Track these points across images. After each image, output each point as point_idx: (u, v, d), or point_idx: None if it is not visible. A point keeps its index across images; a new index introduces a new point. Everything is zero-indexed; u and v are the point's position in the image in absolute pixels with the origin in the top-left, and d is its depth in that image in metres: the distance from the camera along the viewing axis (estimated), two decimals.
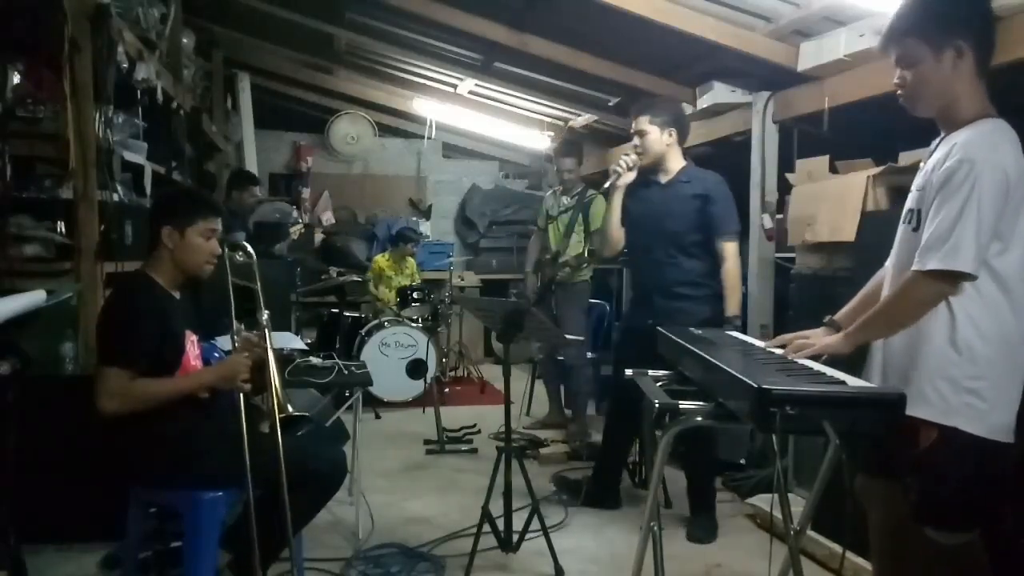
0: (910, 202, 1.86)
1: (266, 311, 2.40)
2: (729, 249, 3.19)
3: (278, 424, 2.22)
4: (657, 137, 3.19)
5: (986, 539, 2.30)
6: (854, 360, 1.90)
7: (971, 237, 1.63)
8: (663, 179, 3.27)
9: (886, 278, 1.96)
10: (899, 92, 1.81)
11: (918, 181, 1.84)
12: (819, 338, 1.97)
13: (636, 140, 3.24)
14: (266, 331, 2.36)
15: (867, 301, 2.02)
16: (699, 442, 3.30)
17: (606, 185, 3.24)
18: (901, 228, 1.89)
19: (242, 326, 2.47)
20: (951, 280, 1.67)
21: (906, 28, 1.74)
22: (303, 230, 6.86)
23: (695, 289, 3.21)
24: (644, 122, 3.21)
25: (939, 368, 1.72)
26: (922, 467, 1.72)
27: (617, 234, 3.31)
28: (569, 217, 4.75)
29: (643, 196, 3.29)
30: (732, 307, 3.16)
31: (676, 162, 3.27)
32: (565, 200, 4.84)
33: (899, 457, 1.76)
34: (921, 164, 1.90)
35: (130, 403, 2.13)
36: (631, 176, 3.21)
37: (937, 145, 1.82)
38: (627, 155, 3.21)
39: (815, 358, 1.88)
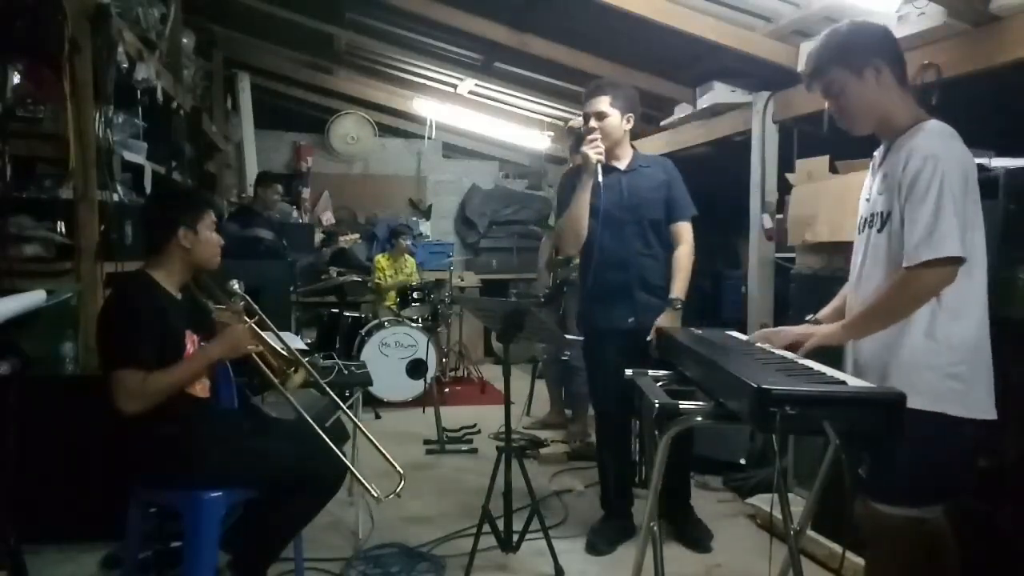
0: (872, 207, 1.97)
1: (234, 280, 2.45)
2: (687, 230, 3.07)
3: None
4: (617, 122, 3.01)
5: (985, 539, 2.30)
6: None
7: (953, 224, 1.74)
8: (622, 165, 3.08)
9: (851, 285, 2.06)
10: (836, 118, 1.98)
11: (877, 187, 1.96)
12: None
13: (593, 122, 2.99)
14: (241, 295, 2.43)
15: (844, 304, 2.10)
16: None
17: (598, 176, 2.92)
18: (864, 234, 2.00)
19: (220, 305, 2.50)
20: (947, 266, 1.76)
21: (826, 61, 1.93)
22: (358, 240, 6.83)
23: (667, 281, 3.05)
24: (604, 103, 2.98)
25: (921, 359, 1.81)
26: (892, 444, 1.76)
27: (582, 227, 3.03)
28: None
29: (605, 184, 2.99)
30: (680, 289, 2.99)
31: (628, 148, 3.11)
32: None
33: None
34: (870, 173, 2.04)
35: (150, 399, 2.14)
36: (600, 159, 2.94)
37: (885, 154, 1.95)
38: (595, 141, 2.92)
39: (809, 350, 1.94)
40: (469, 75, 5.90)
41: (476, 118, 7.04)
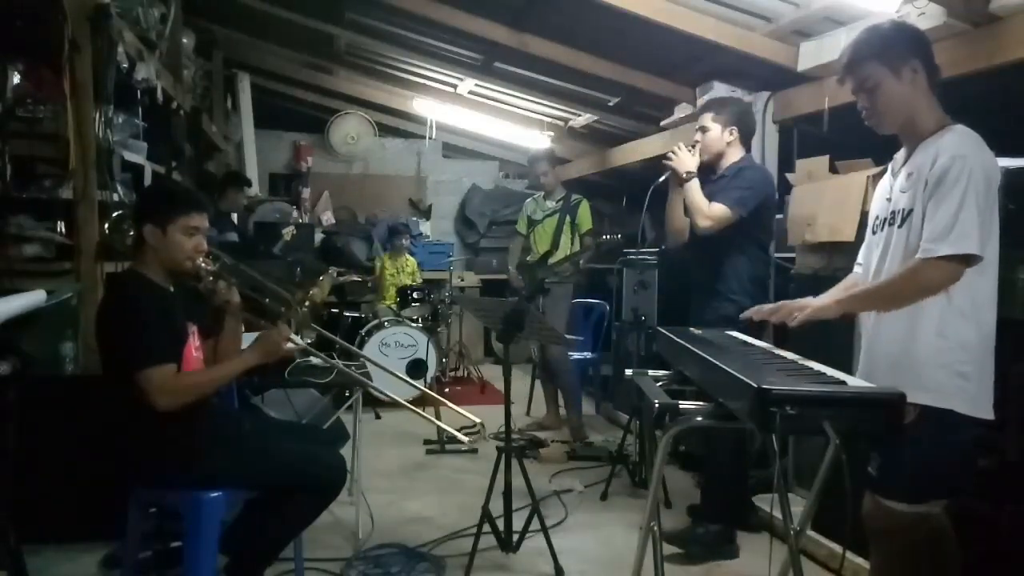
0: (892, 206, 1.97)
1: (200, 260, 2.36)
2: (712, 207, 3.03)
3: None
4: (717, 135, 3.16)
5: (985, 539, 2.30)
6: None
7: (975, 223, 1.76)
8: (717, 173, 3.20)
9: (864, 282, 2.05)
10: (864, 114, 1.97)
11: (899, 185, 1.96)
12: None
13: (697, 136, 3.22)
14: (214, 273, 2.37)
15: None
16: (716, 443, 3.17)
17: (659, 180, 3.19)
18: (882, 233, 2.00)
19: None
20: (960, 263, 1.77)
21: (865, 56, 1.93)
22: (295, 231, 6.79)
23: (724, 287, 3.09)
24: (707, 119, 3.20)
25: (932, 356, 1.83)
26: (901, 442, 1.78)
27: (678, 225, 3.23)
28: (556, 220, 4.88)
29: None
30: (692, 179, 3.07)
31: (732, 156, 3.19)
32: (549, 204, 5.00)
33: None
34: (889, 174, 2.04)
35: (183, 395, 2.15)
36: (690, 166, 3.09)
37: (908, 156, 1.96)
38: (677, 147, 3.16)
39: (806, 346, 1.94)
40: (469, 75, 5.90)
41: (476, 118, 7.04)
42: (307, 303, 2.51)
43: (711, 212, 3.03)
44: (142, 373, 2.10)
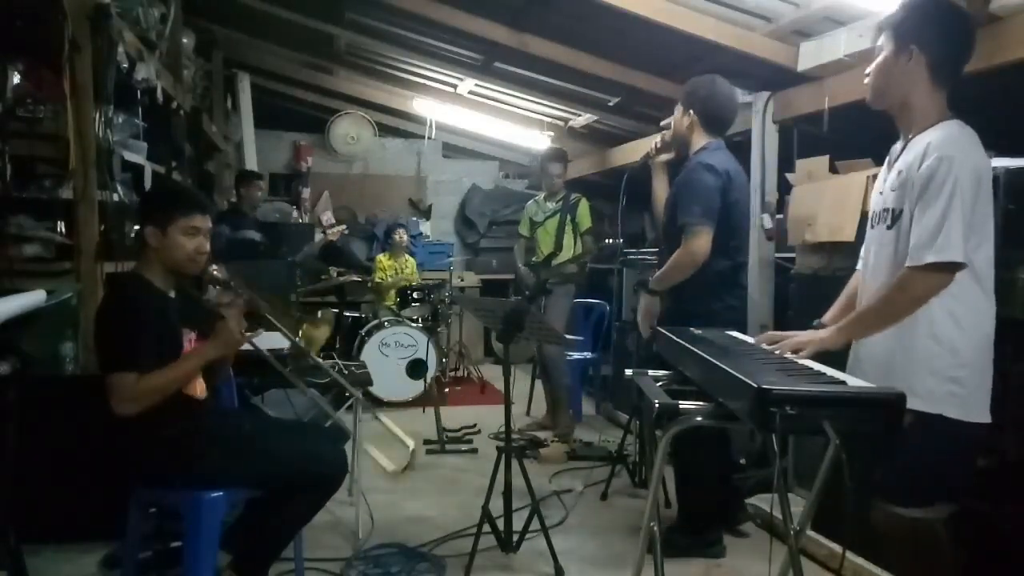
0: (884, 203, 1.96)
1: (213, 266, 2.42)
2: (686, 237, 2.89)
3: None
4: (678, 117, 3.12)
5: (985, 539, 2.30)
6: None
7: (959, 229, 1.75)
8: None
9: (862, 280, 2.07)
10: (866, 80, 1.98)
11: (890, 182, 1.95)
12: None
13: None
14: (222, 278, 2.41)
15: (851, 302, 2.12)
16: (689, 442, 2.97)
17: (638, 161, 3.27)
18: (874, 230, 2.00)
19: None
20: (947, 271, 1.77)
21: (885, 24, 1.94)
22: (345, 230, 6.37)
23: (683, 285, 2.97)
24: (677, 104, 3.18)
25: (923, 362, 1.83)
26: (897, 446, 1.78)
27: (662, 209, 3.22)
28: (558, 220, 4.88)
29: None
30: (655, 277, 3.04)
31: (696, 142, 3.09)
32: (550, 205, 4.98)
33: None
34: (885, 166, 2.04)
35: (144, 401, 2.14)
36: (666, 155, 3.19)
37: (902, 149, 1.95)
38: (656, 139, 3.21)
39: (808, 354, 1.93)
40: (469, 75, 5.90)
41: (476, 118, 7.04)
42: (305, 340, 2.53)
43: (695, 253, 2.87)
44: (108, 376, 2.11)
